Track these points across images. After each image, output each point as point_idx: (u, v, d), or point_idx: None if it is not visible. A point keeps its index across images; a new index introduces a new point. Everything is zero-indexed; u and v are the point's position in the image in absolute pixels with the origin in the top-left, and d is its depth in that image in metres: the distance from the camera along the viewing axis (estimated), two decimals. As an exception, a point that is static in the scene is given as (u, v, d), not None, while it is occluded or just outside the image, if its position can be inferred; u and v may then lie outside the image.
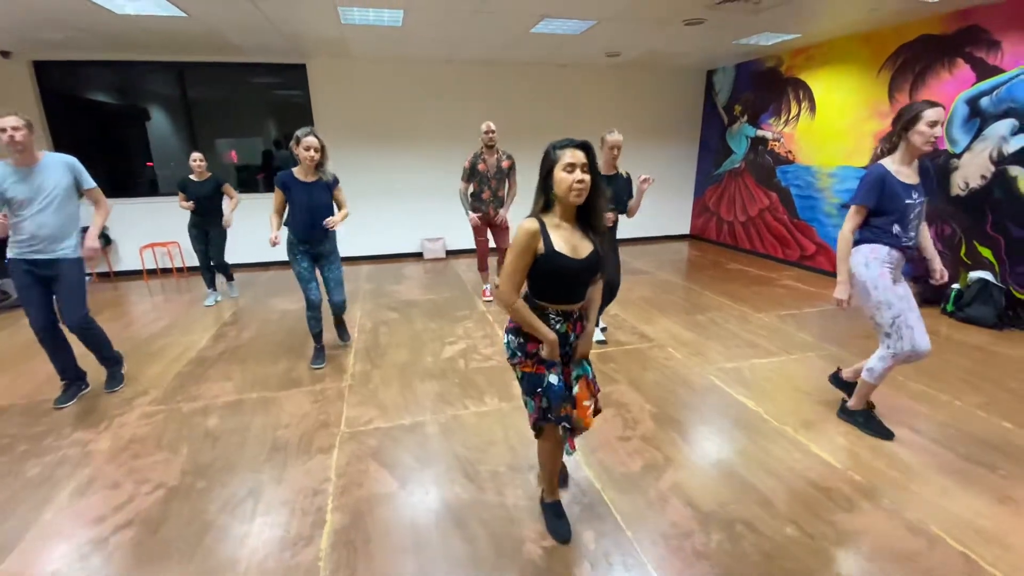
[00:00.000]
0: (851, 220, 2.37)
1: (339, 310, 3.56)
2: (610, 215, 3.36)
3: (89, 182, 2.84)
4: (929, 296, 4.40)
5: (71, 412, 2.88)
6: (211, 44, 5.04)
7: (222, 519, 2.02)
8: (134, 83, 5.87)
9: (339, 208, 3.32)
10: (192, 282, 5.78)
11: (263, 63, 5.79)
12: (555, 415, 1.67)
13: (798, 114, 5.78)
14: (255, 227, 6.01)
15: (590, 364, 1.82)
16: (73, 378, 3.05)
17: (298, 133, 3.06)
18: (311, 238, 3.22)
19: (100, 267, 5.93)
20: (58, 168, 2.70)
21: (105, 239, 5.78)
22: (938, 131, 2.16)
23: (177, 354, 3.66)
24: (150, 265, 6.06)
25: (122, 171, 6.13)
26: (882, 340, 2.43)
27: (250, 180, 6.45)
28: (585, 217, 1.66)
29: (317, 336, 3.47)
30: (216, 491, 2.19)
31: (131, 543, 1.90)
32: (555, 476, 1.94)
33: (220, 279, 5.20)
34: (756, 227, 6.66)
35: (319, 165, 3.13)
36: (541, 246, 1.58)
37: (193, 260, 5.91)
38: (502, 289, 1.62)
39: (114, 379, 3.15)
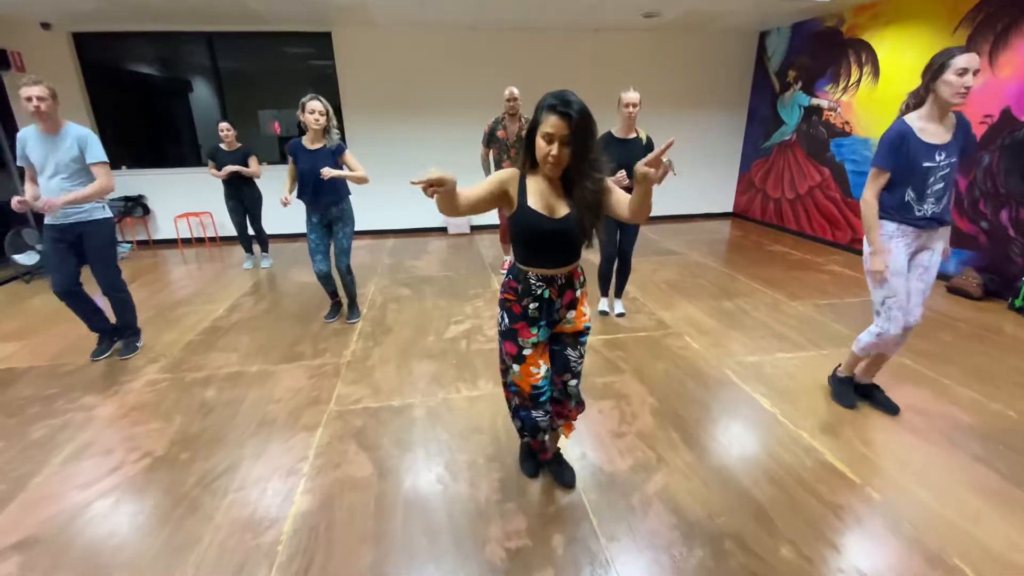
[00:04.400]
0: (872, 184, 2.16)
1: (343, 276, 3.58)
2: (620, 177, 3.16)
3: (95, 156, 2.82)
4: (995, 289, 3.91)
5: (85, 375, 2.99)
6: (234, 13, 5.02)
7: (196, 492, 2.02)
8: (168, 54, 5.98)
9: (352, 173, 3.30)
10: (224, 251, 5.94)
11: (292, 32, 5.74)
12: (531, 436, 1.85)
13: (859, 80, 5.18)
14: (283, 198, 6.11)
15: (577, 378, 1.80)
16: (105, 333, 3.22)
17: (303, 100, 3.10)
18: (316, 204, 3.29)
19: (140, 235, 6.20)
20: (71, 139, 2.75)
21: (143, 208, 6.01)
22: (969, 80, 1.89)
23: (194, 322, 3.75)
24: (184, 234, 6.27)
25: (158, 142, 6.33)
26: (874, 316, 2.33)
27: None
28: (567, 181, 1.52)
29: (331, 294, 3.72)
30: (197, 464, 2.20)
31: (109, 512, 1.94)
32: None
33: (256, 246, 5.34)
34: (805, 206, 6.13)
35: (326, 130, 3.18)
36: (515, 198, 1.52)
37: (225, 230, 6.09)
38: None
39: (128, 348, 3.25)
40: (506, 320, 1.65)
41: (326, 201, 3.26)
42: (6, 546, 1.79)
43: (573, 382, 1.79)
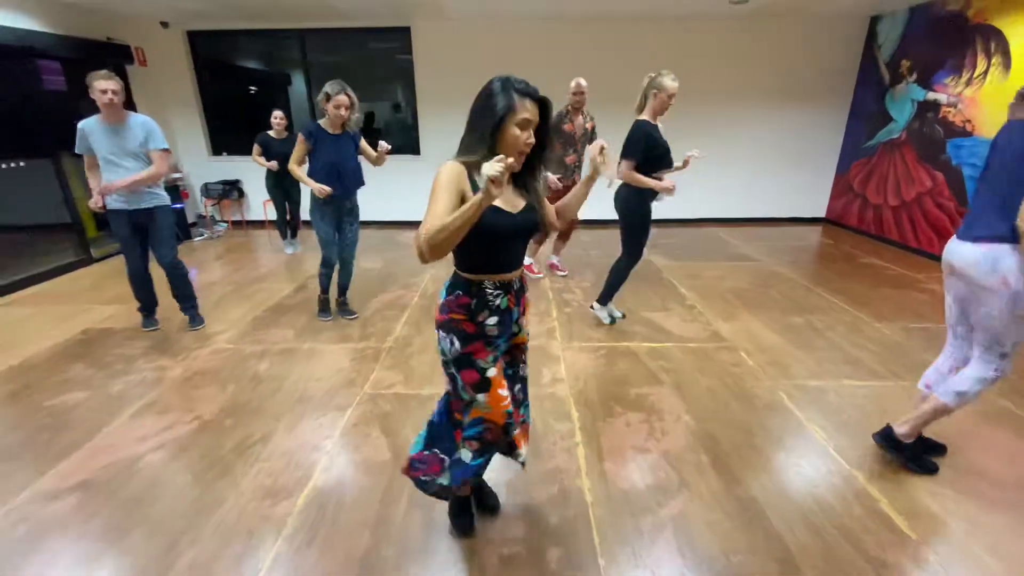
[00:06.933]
0: None
1: (347, 273, 3.61)
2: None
3: (156, 143, 3.04)
4: None
5: (167, 339, 3.34)
6: (320, 9, 5.32)
7: (230, 458, 2.18)
8: (268, 50, 6.50)
9: (368, 158, 3.37)
10: (303, 234, 6.32)
11: (374, 28, 5.99)
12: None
13: (985, 71, 4.46)
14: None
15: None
16: (152, 308, 3.54)
17: (328, 90, 3.05)
18: (343, 194, 3.29)
19: (235, 216, 6.81)
20: (137, 127, 3.00)
21: (239, 192, 6.59)
22: None
23: (262, 299, 4.06)
24: (272, 216, 6.78)
25: (259, 131, 6.89)
26: (993, 357, 1.88)
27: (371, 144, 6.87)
28: (523, 173, 1.43)
29: (325, 289, 3.60)
30: (238, 431, 2.37)
31: (156, 466, 2.15)
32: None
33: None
34: (911, 214, 5.41)
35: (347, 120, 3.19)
36: (469, 197, 1.29)
37: (302, 213, 6.50)
38: (422, 231, 1.22)
39: (194, 320, 3.51)
40: (456, 345, 1.41)
41: (351, 188, 3.29)
42: (70, 485, 2.04)
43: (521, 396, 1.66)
